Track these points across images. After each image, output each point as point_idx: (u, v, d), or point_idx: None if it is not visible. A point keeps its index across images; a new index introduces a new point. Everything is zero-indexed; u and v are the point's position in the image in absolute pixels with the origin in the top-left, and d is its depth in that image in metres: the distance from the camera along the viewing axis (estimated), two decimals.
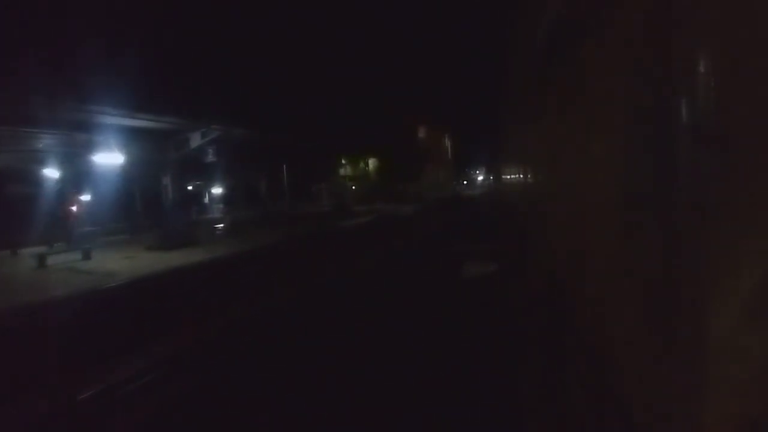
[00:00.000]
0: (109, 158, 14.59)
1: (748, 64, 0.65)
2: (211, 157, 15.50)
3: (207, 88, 16.36)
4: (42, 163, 17.54)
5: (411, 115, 46.57)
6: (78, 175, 18.81)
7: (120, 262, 13.72)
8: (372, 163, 38.48)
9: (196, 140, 15.31)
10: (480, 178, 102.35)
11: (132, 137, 15.61)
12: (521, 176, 4.21)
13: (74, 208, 17.41)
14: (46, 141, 14.60)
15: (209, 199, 51.53)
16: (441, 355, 5.32)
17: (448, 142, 65.14)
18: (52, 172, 18.40)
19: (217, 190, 51.97)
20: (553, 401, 2.06)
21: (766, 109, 0.64)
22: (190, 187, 53.14)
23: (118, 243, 18.23)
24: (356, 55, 42.71)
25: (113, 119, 14.16)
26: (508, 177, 7.28)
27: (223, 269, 12.78)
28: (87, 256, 14.93)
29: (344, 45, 40.67)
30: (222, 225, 23.84)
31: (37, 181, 18.47)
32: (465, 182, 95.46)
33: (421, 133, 50.70)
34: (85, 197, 20.12)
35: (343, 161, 36.50)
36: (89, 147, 14.68)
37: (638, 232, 0.89)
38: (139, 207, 23.17)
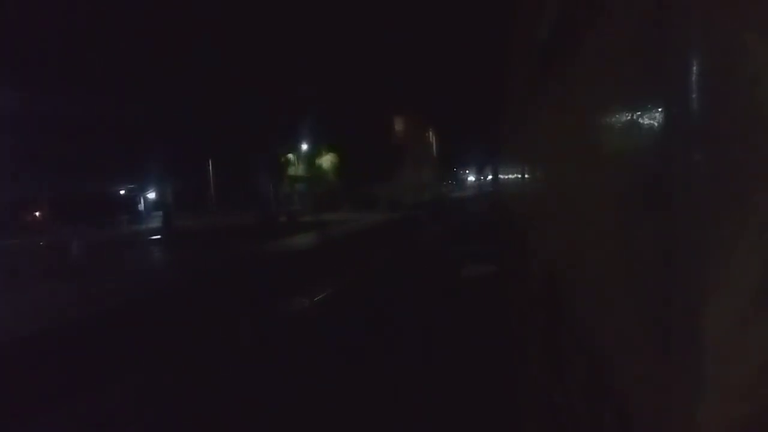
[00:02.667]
0: None
1: (748, 62, 0.67)
2: None
3: None
4: None
5: (385, 105, 38.83)
6: None
7: None
8: (330, 159, 30.48)
9: None
10: (471, 178, 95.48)
11: None
12: (520, 176, 4.05)
13: None
14: None
15: (144, 206, 43.72)
16: None
17: (432, 138, 57.42)
18: None
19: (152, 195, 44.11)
20: (550, 401, 2.09)
21: (765, 108, 0.66)
22: (122, 192, 45.29)
23: None
24: (316, 33, 34.86)
25: None
26: (507, 177, 6.57)
27: None
28: None
29: (296, 19, 32.82)
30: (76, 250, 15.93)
31: None
32: (454, 183, 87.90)
33: (399, 125, 42.94)
34: None
35: (291, 157, 28.52)
36: None
37: (637, 232, 0.94)
38: None
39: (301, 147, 27.88)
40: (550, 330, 2.07)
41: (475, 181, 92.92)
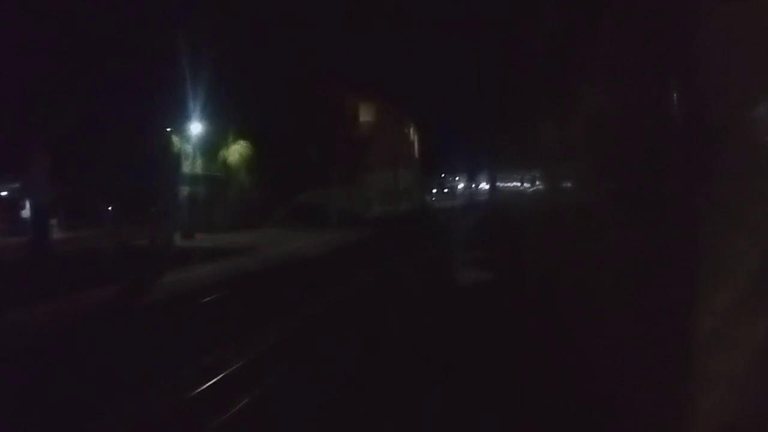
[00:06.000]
0: None
1: (747, 65, 0.71)
2: None
3: None
4: None
5: (346, 86, 29.20)
6: None
7: None
8: (239, 151, 20.49)
9: None
10: (460, 186, 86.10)
11: None
12: (526, 183, 4.05)
13: None
14: None
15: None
16: None
17: (414, 136, 47.79)
18: None
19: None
20: (545, 403, 2.23)
21: (765, 109, 0.68)
22: (4, 193, 35.24)
23: None
24: None
25: None
26: (508, 184, 7.14)
27: None
28: None
29: None
30: None
31: None
32: (446, 190, 78.23)
33: (366, 114, 33.30)
34: None
35: (182, 146, 18.60)
36: None
37: (634, 234, 1.05)
38: None
39: (190, 131, 18.07)
40: (548, 332, 2.21)
41: (465, 188, 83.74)
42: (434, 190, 69.03)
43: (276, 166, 21.93)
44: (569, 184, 2.25)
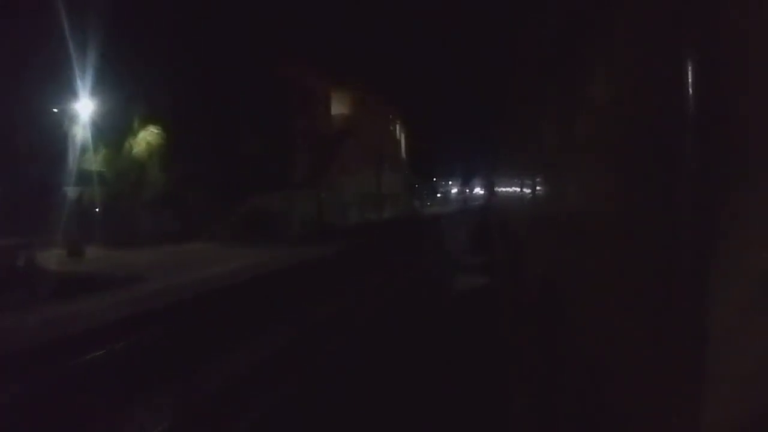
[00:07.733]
0: None
1: (753, 63, 0.64)
2: None
3: None
4: None
5: (313, 70, 24.39)
6: None
7: None
8: (147, 139, 15.41)
9: None
10: (454, 190, 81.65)
11: None
12: (520, 187, 4.05)
13: None
14: None
15: None
16: None
17: (401, 135, 42.93)
18: None
19: None
20: (546, 408, 2.07)
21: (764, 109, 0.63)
22: None
23: None
24: None
25: None
26: (509, 189, 6.37)
27: None
28: None
29: None
30: None
31: None
32: (438, 195, 73.44)
33: (341, 106, 28.42)
34: None
35: (80, 132, 13.46)
36: None
37: (637, 237, 0.90)
38: None
39: (77, 110, 13.11)
40: (547, 334, 2.04)
41: (459, 193, 79.28)
42: (425, 195, 64.21)
43: (216, 162, 17.04)
44: (574, 188, 1.68)
